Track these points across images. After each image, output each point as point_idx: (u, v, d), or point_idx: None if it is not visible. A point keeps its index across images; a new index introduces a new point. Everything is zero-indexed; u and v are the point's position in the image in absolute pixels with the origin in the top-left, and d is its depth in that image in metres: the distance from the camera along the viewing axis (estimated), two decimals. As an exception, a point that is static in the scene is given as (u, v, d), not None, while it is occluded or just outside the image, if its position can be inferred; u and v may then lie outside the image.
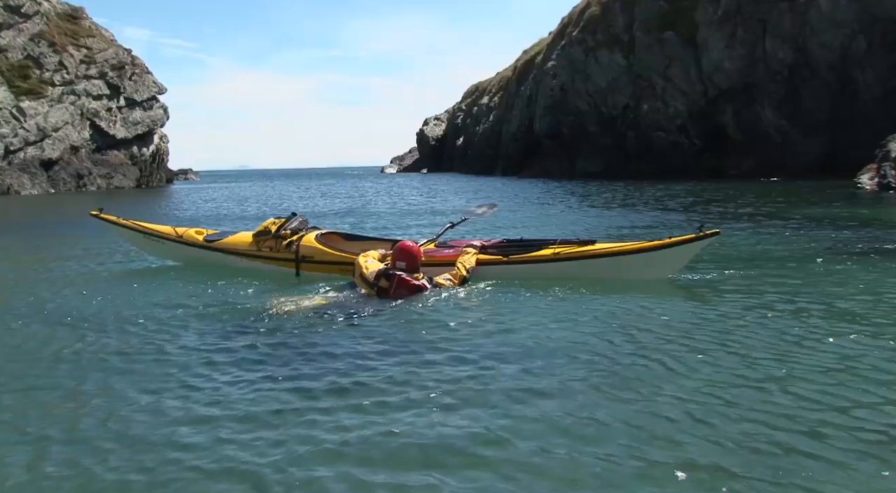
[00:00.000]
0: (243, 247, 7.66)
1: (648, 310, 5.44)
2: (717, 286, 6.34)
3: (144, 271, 8.39)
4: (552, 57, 41.67)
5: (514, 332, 4.86)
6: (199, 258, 7.98)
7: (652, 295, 5.97)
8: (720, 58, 30.28)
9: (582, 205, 18.63)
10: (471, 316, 5.37)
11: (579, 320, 5.17)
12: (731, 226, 11.61)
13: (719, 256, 8.13)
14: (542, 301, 5.83)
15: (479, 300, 5.97)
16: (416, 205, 21.79)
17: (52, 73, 39.47)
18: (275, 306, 5.87)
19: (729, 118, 30.56)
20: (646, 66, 33.59)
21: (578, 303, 5.74)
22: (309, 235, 7.39)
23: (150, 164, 45.32)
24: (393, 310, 5.66)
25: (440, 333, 4.90)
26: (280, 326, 5.27)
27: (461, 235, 8.48)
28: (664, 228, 11.74)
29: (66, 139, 39.55)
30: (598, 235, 10.00)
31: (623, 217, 14.64)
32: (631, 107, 34.79)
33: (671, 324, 4.98)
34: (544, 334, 4.79)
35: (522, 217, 15.15)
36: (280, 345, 4.75)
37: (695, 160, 31.39)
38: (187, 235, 8.17)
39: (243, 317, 5.62)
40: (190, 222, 16.41)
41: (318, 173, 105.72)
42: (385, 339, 4.79)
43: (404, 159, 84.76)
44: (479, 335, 4.79)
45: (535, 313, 5.40)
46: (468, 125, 63.15)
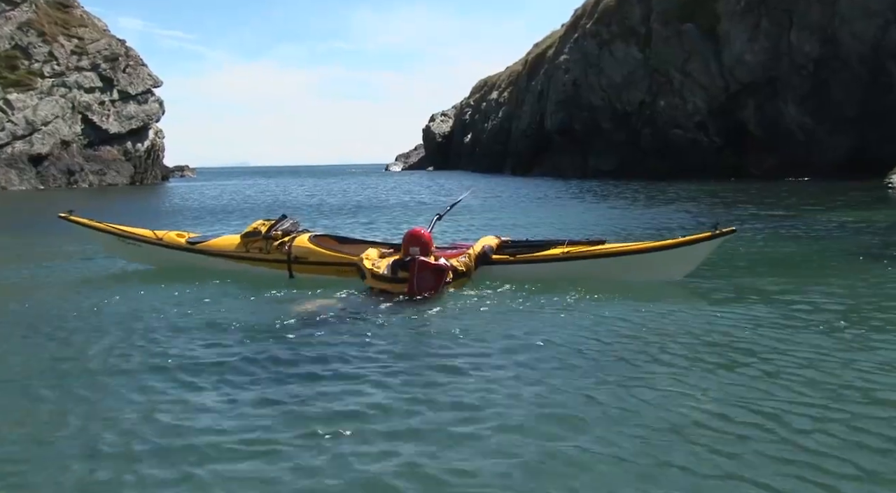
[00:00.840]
0: (231, 249, 7.52)
1: (662, 315, 5.36)
2: (733, 291, 6.26)
3: (122, 275, 8.16)
4: (564, 50, 41.44)
5: (523, 338, 4.80)
6: (182, 262, 7.81)
7: (665, 300, 5.91)
8: (742, 51, 29.82)
9: (599, 205, 18.23)
10: (479, 323, 5.27)
11: (592, 327, 5.08)
12: (750, 227, 11.49)
13: (737, 259, 8.07)
14: (550, 305, 5.76)
15: (485, 304, 5.88)
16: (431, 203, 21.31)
17: (41, 65, 39.23)
18: (269, 311, 5.80)
19: (750, 114, 30.11)
20: (663, 59, 33.23)
21: (590, 308, 5.66)
22: (302, 237, 7.32)
23: (145, 160, 45.00)
24: (396, 314, 5.59)
25: (447, 340, 4.82)
26: (276, 332, 5.14)
27: (463, 238, 8.42)
28: (683, 232, 11.18)
29: (57, 133, 39.32)
30: (611, 237, 9.87)
31: (640, 219, 14.22)
32: (647, 103, 34.48)
33: (686, 330, 4.91)
34: (553, 339, 4.74)
35: (535, 219, 14.80)
36: (277, 353, 4.60)
37: (714, 159, 31.01)
38: (168, 237, 8.00)
39: (236, 325, 5.43)
40: (194, 221, 16.01)
41: (319, 171, 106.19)
42: (389, 347, 4.70)
43: (410, 157, 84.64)
44: (486, 343, 4.73)
45: (544, 318, 5.36)
46: (476, 121, 63.17)
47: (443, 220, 7.97)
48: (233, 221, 16.57)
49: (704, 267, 6.85)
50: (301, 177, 67.63)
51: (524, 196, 23.16)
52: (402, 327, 5.26)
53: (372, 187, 36.14)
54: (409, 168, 78.63)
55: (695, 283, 6.58)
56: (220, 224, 15.68)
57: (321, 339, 4.90)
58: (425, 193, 27.91)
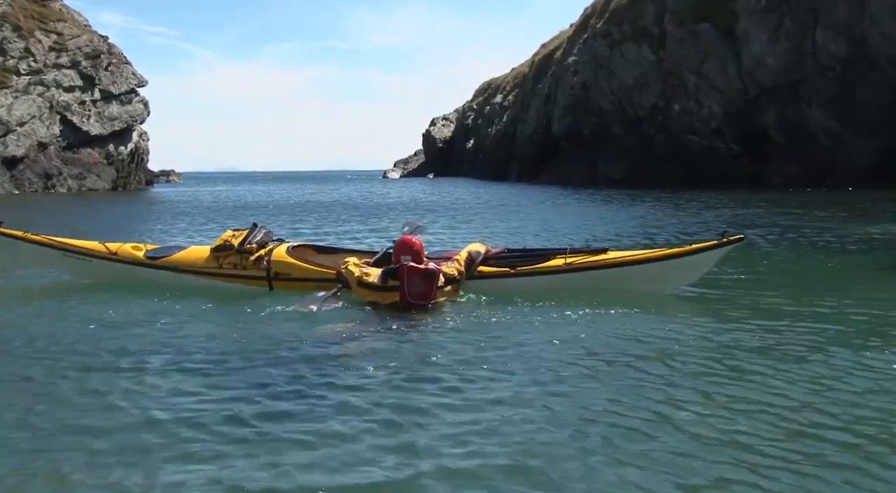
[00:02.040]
0: (199, 264, 7.21)
1: (671, 327, 5.43)
2: (750, 306, 6.25)
3: (57, 289, 7.70)
4: (573, 51, 41.21)
5: (523, 352, 4.83)
6: (140, 279, 7.35)
7: (675, 313, 6.01)
8: (762, 52, 29.39)
9: (614, 216, 17.51)
10: (476, 338, 5.24)
11: (597, 340, 5.13)
12: (770, 238, 11.54)
13: (755, 272, 8.04)
14: (552, 317, 5.81)
15: (484, 317, 5.88)
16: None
17: (17, 61, 38.62)
18: (250, 328, 5.70)
19: (771, 119, 29.70)
20: (677, 61, 32.89)
21: (595, 320, 5.71)
22: (279, 249, 7.10)
23: (128, 164, 44.42)
24: (387, 327, 5.60)
25: (443, 356, 4.79)
26: (260, 351, 5.01)
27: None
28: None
29: (33, 135, 38.72)
30: (617, 244, 10.06)
31: (662, 230, 13.72)
32: (660, 107, 34.13)
33: (700, 345, 4.94)
34: (558, 352, 4.80)
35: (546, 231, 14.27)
36: (266, 374, 4.48)
37: (731, 166, 30.61)
38: (123, 251, 7.52)
39: (214, 343, 5.31)
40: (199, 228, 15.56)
41: (315, 177, 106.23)
42: (382, 365, 4.61)
43: (409, 163, 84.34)
44: (483, 356, 4.75)
45: (546, 331, 5.38)
46: (479, 126, 63.18)
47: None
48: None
49: (721, 280, 6.97)
50: (297, 183, 67.17)
51: (528, 205, 22.73)
52: (395, 342, 5.22)
53: (380, 195, 35.62)
54: (408, 175, 78.31)
55: (710, 296, 6.67)
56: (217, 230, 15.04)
57: (311, 357, 4.81)
58: (443, 209, 27.27)
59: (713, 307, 6.31)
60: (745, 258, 8.73)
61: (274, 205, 28.38)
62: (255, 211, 24.04)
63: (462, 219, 18.02)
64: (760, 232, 12.49)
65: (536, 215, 18.28)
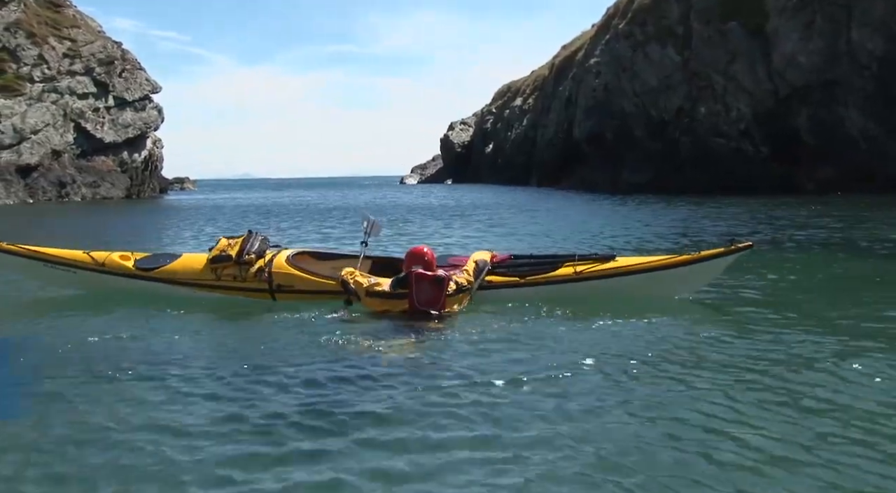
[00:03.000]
0: (195, 276, 6.98)
1: (692, 336, 5.45)
2: (778, 314, 6.20)
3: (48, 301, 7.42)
4: (595, 53, 40.78)
5: (534, 362, 4.78)
6: (130, 290, 7.06)
7: (696, 322, 6.06)
8: (794, 51, 28.60)
9: (653, 220, 17.01)
10: (489, 348, 5.23)
11: (613, 346, 5.16)
12: (798, 243, 11.59)
13: (783, 284, 7.97)
14: (562, 324, 5.86)
15: (495, 327, 5.86)
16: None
17: (30, 68, 38.68)
18: (253, 339, 5.72)
19: (803, 121, 28.89)
20: (704, 62, 32.22)
21: (607, 327, 5.76)
22: (279, 258, 6.94)
23: (142, 171, 44.40)
24: (396, 338, 5.60)
25: (457, 367, 4.76)
26: (264, 363, 4.91)
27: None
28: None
29: (47, 143, 38.70)
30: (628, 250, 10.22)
31: (701, 238, 13.05)
32: (685, 109, 33.48)
33: (726, 354, 4.92)
34: (573, 361, 4.79)
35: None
36: (271, 388, 4.39)
37: (760, 170, 29.85)
38: (110, 261, 7.16)
39: (217, 354, 5.30)
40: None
41: (331, 184, 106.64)
42: (392, 378, 4.55)
43: (427, 168, 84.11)
44: (501, 371, 4.63)
45: (559, 339, 5.39)
46: (499, 130, 62.98)
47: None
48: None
49: (743, 288, 7.17)
50: (316, 190, 67.18)
51: (548, 213, 22.17)
52: (409, 354, 5.20)
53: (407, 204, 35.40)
54: (425, 181, 78.02)
55: (732, 304, 6.74)
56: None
57: (323, 371, 4.71)
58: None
59: (745, 316, 6.28)
60: (776, 264, 8.98)
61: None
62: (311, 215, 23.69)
63: (495, 222, 18.42)
64: (806, 237, 12.29)
65: (564, 221, 17.74)
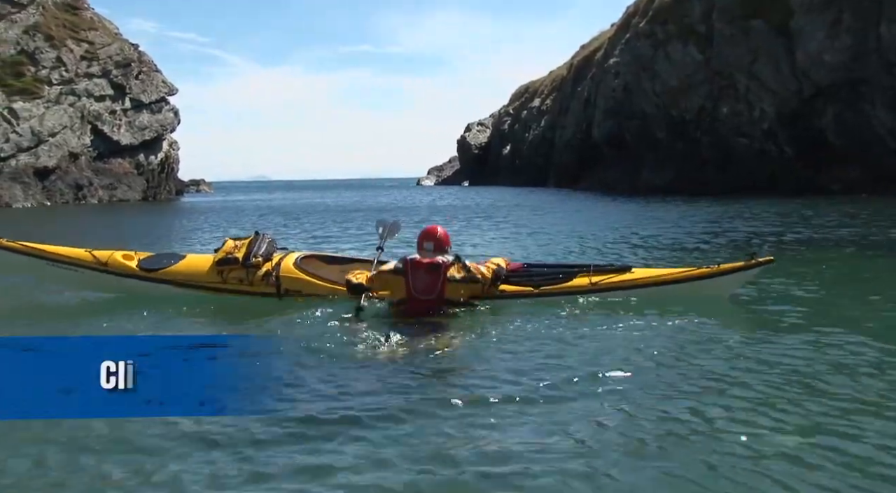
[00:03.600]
0: (201, 278, 6.86)
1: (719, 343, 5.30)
2: (814, 318, 6.03)
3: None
4: (614, 52, 40.44)
5: (550, 370, 4.60)
6: (133, 291, 6.93)
7: (725, 327, 5.83)
8: (820, 49, 28.01)
9: (678, 229, 16.57)
10: (506, 355, 5.07)
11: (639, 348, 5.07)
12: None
13: (816, 285, 7.76)
14: (577, 334, 5.60)
15: (510, 334, 5.64)
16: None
17: (48, 71, 38.94)
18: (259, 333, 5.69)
19: (829, 121, 28.34)
20: (726, 61, 31.74)
21: (634, 327, 5.71)
22: (287, 262, 6.85)
23: (159, 174, 44.57)
24: (398, 344, 5.33)
25: (474, 372, 4.68)
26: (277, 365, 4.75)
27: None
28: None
29: (64, 145, 38.92)
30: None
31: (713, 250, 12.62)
32: (707, 109, 33.04)
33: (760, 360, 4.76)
34: (583, 366, 4.69)
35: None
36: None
37: (784, 171, 29.39)
38: (113, 260, 7.00)
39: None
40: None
41: (347, 186, 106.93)
42: (390, 377, 4.55)
43: (443, 170, 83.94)
44: (518, 377, 4.50)
45: (574, 348, 5.19)
46: (516, 131, 62.77)
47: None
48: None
49: (777, 288, 7.18)
50: (334, 192, 67.24)
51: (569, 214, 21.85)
52: (409, 357, 5.04)
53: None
54: (442, 182, 77.92)
55: (764, 303, 6.70)
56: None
57: (327, 372, 4.65)
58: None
59: (776, 321, 6.10)
60: (808, 269, 8.79)
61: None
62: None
63: (521, 223, 18.44)
64: (841, 237, 12.10)
65: (591, 223, 17.42)
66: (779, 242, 12.16)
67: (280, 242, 7.42)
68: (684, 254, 10.92)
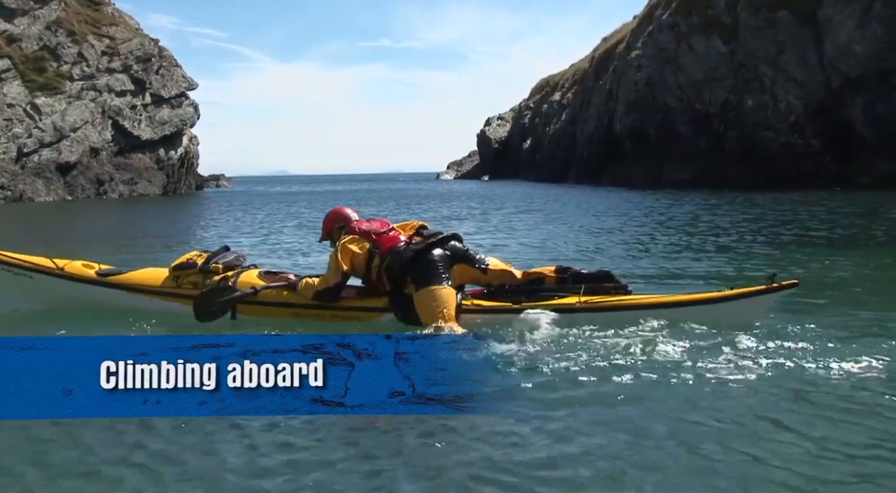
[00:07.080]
0: (156, 284, 6.46)
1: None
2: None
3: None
4: (637, 45, 40.06)
5: (568, 383, 4.34)
6: (88, 299, 6.55)
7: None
8: (849, 40, 27.57)
9: (715, 227, 16.27)
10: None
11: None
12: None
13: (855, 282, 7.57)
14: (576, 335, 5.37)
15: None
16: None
17: (70, 66, 39.26)
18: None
19: (858, 113, 27.86)
20: (752, 53, 31.37)
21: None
22: (250, 272, 6.35)
23: (178, 168, 44.78)
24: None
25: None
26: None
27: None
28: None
29: (86, 140, 39.22)
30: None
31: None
32: (732, 102, 32.65)
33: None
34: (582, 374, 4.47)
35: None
36: None
37: (811, 166, 28.87)
38: (71, 267, 6.66)
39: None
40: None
41: (368, 179, 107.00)
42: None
43: (463, 164, 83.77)
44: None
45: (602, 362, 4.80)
46: (537, 125, 62.34)
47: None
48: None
49: (815, 286, 6.88)
50: (356, 184, 67.26)
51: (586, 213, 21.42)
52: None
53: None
54: (462, 177, 77.77)
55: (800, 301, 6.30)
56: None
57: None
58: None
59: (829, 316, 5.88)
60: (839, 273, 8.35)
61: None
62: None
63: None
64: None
65: (621, 218, 17.20)
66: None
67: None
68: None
